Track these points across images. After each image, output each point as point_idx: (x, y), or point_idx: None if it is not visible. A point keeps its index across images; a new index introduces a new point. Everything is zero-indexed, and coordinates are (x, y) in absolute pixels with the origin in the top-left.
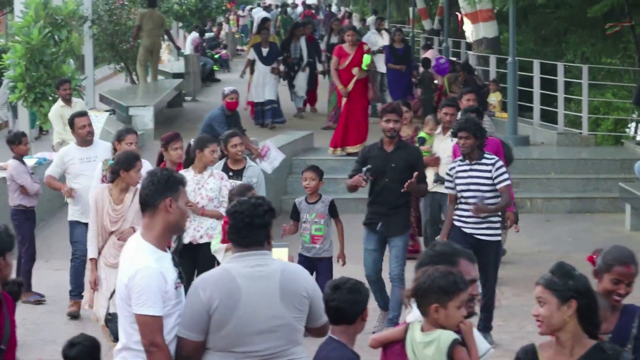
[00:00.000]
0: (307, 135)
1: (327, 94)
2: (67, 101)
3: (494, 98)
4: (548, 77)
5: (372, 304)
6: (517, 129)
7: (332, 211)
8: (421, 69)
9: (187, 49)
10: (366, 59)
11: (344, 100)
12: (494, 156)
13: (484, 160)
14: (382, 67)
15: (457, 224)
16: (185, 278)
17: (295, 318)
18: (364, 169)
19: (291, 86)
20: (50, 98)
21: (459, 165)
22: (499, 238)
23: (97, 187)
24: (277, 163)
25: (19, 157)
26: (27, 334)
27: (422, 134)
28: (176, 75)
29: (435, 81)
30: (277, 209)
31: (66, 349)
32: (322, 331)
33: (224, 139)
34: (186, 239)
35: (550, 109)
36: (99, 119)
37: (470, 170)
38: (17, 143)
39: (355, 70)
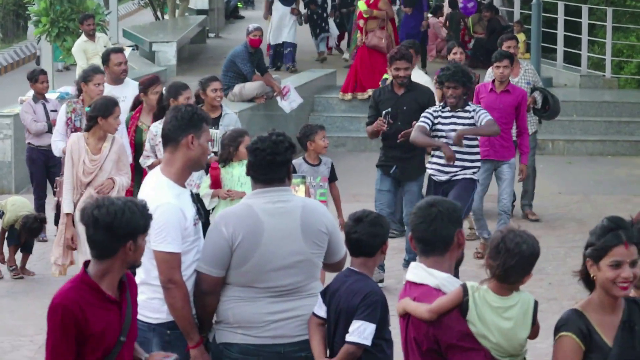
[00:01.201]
0: (330, 74)
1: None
2: (91, 36)
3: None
4: (572, 19)
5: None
6: (541, 70)
7: (333, 174)
8: (448, 10)
9: None
10: (361, 5)
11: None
12: (476, 105)
13: (467, 108)
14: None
15: (431, 172)
16: None
17: (314, 254)
18: (384, 112)
19: (319, 33)
20: (74, 33)
21: (442, 112)
22: (473, 176)
23: (73, 136)
24: (296, 105)
25: (36, 95)
26: (46, 267)
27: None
28: (200, 12)
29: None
30: (297, 146)
31: None
32: (339, 266)
33: (203, 82)
34: None
35: (573, 51)
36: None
37: (453, 117)
38: (33, 81)
39: (361, 22)
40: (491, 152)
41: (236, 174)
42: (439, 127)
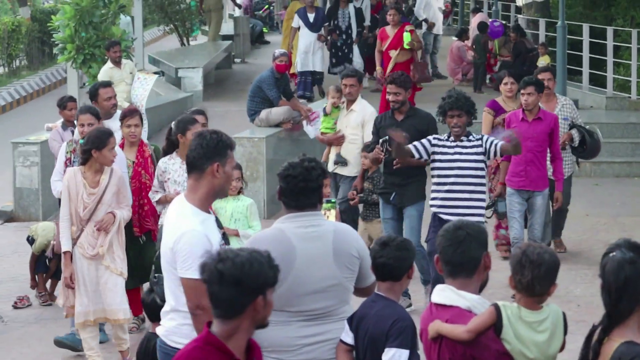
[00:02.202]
0: None
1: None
2: (117, 63)
3: (543, 62)
4: (597, 41)
5: None
6: (566, 92)
7: None
8: (473, 33)
9: (237, 12)
10: (406, 37)
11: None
12: (479, 134)
13: (471, 138)
14: (438, 29)
15: (435, 210)
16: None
17: (346, 278)
18: (381, 140)
19: (338, 64)
20: (99, 59)
21: (445, 140)
22: (481, 218)
23: (69, 170)
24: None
25: (65, 122)
26: None
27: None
28: (225, 37)
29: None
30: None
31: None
32: (370, 291)
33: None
34: None
35: (599, 72)
36: (148, 81)
37: (457, 146)
38: (62, 108)
39: (392, 53)
40: (527, 182)
41: (230, 210)
42: (439, 157)
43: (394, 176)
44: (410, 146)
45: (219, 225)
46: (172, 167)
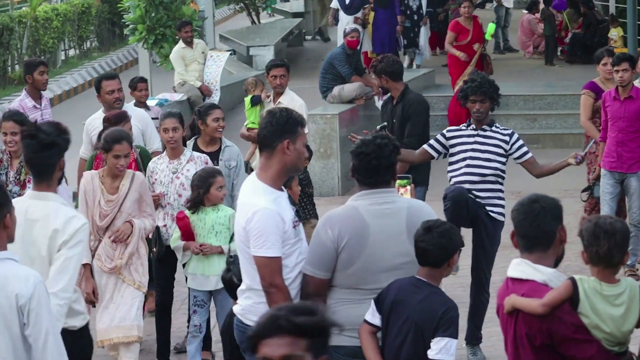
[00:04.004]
0: (428, 73)
1: None
2: (189, 43)
3: (614, 33)
4: None
5: None
6: None
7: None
8: (542, 6)
9: None
10: (491, 27)
11: (459, 84)
12: (507, 128)
13: (494, 129)
14: (509, 2)
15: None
16: (164, 284)
17: None
18: (378, 126)
19: (409, 45)
20: (170, 39)
21: (462, 130)
22: (503, 219)
23: (86, 174)
24: None
25: (138, 103)
26: None
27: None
28: (296, 15)
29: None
30: None
31: None
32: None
33: (203, 110)
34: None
35: None
36: (221, 59)
37: (477, 135)
38: (133, 89)
39: (476, 46)
40: (618, 164)
41: (209, 222)
42: (457, 148)
43: None
44: (426, 147)
45: (292, 202)
46: (160, 167)
